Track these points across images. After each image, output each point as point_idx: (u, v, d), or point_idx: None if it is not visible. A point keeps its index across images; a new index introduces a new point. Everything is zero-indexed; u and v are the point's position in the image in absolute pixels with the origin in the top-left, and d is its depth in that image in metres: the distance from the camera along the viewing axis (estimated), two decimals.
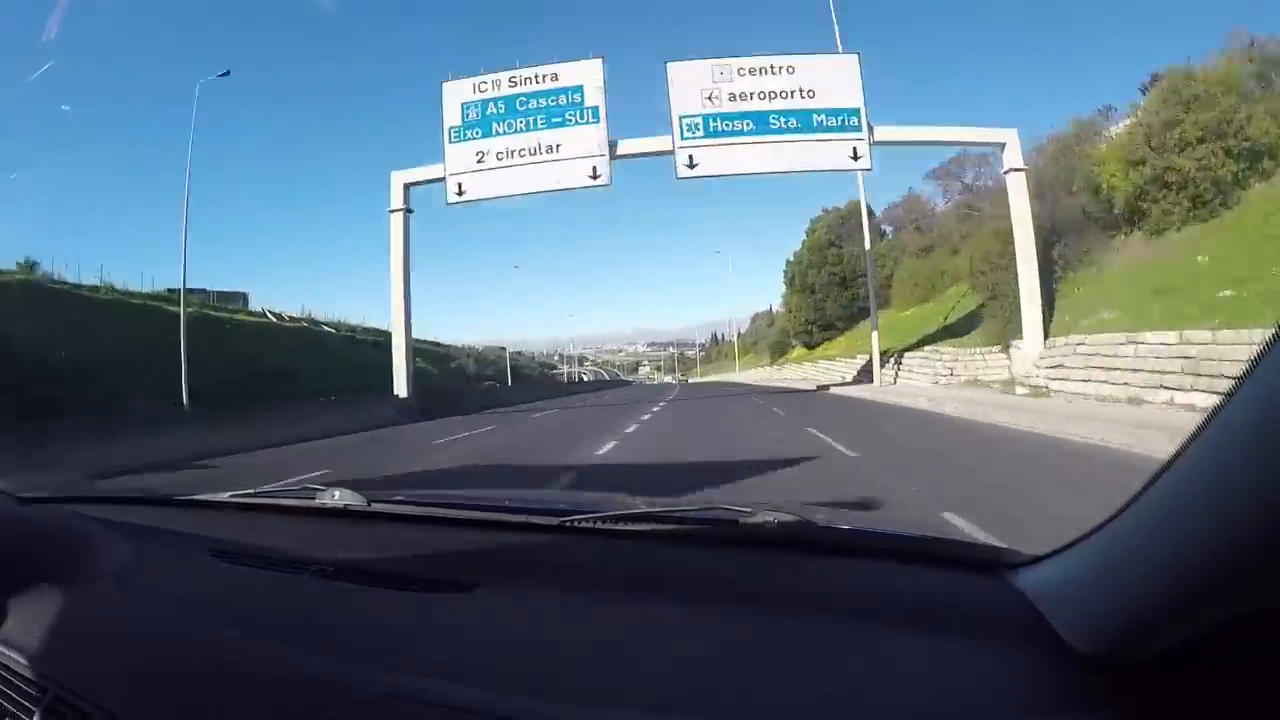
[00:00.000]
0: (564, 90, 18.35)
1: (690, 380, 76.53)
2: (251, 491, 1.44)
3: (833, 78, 17.46)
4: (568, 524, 1.12)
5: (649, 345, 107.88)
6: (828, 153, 17.38)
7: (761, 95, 17.47)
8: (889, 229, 40.89)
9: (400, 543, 1.18)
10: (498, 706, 0.71)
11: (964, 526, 3.61)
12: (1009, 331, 16.09)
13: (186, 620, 0.95)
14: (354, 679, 0.76)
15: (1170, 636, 0.57)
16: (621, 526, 1.09)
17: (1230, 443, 0.51)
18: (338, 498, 1.27)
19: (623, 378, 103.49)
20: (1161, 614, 0.57)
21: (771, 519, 1.01)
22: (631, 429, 11.52)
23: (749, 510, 1.04)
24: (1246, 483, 0.47)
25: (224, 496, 1.44)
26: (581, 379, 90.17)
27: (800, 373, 37.51)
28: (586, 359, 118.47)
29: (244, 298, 36.62)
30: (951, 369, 17.92)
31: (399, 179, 19.98)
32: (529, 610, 0.92)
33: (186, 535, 1.27)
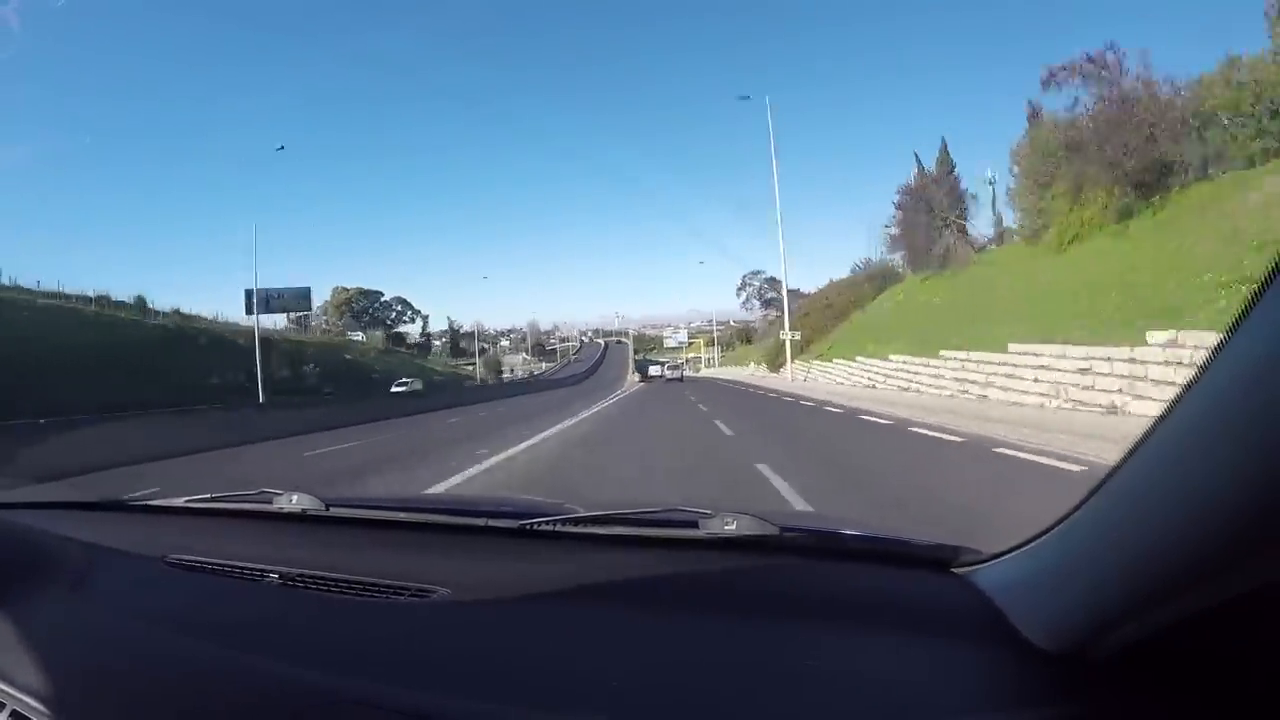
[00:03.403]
0: None
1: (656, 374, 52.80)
2: (208, 496, 1.42)
3: None
4: (528, 527, 1.11)
5: (706, 323, 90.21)
6: None
7: None
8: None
9: (359, 547, 1.17)
10: (459, 712, 0.70)
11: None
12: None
13: (142, 630, 0.93)
14: (314, 686, 0.75)
15: (1129, 630, 0.58)
16: (582, 529, 1.09)
17: (1183, 442, 0.52)
18: (295, 502, 1.26)
19: (634, 357, 76.39)
20: (1120, 609, 0.58)
21: (731, 521, 1.01)
22: None
23: (709, 513, 1.04)
24: (1200, 480, 0.48)
25: (179, 501, 1.42)
26: (493, 379, 62.93)
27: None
28: (625, 336, 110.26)
29: None
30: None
31: None
32: (490, 615, 0.91)
33: (141, 541, 1.24)
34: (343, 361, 44.27)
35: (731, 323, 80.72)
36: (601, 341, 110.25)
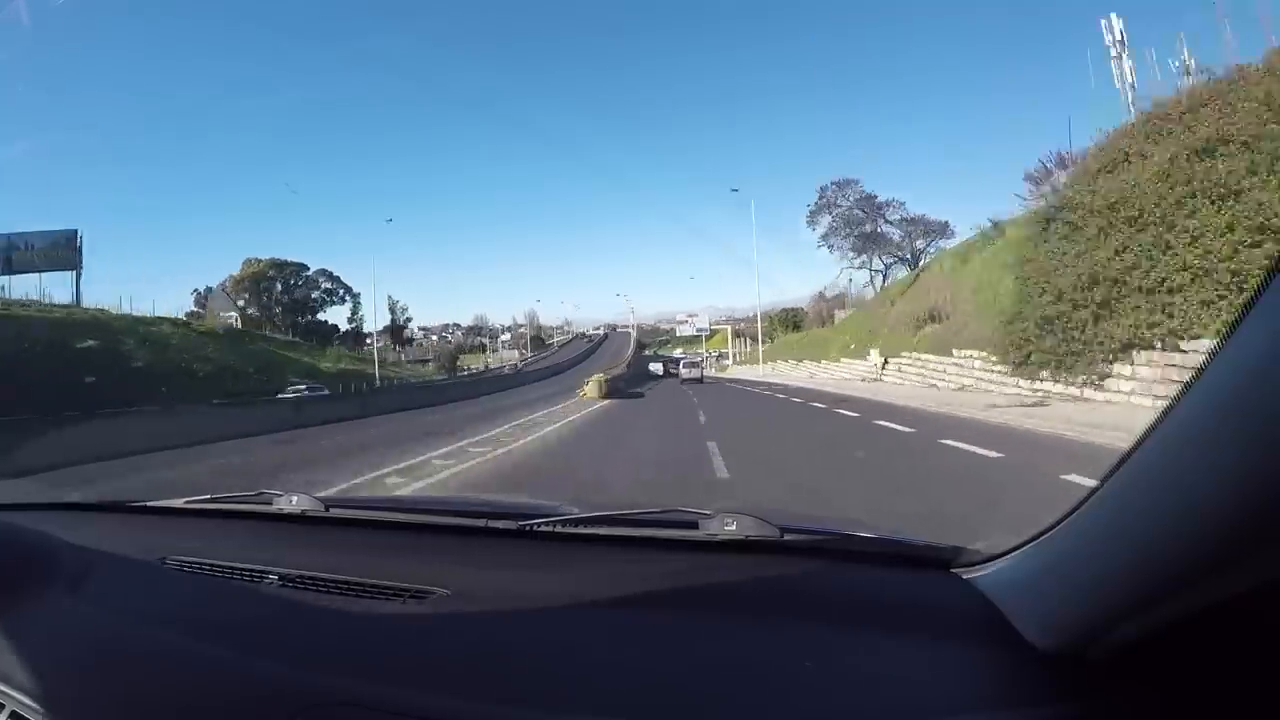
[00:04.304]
0: None
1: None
2: (207, 497, 1.42)
3: None
4: (527, 528, 1.11)
5: (728, 319, 74.18)
6: None
7: None
8: None
9: (358, 548, 1.17)
10: (458, 713, 0.70)
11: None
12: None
13: (142, 630, 0.94)
14: (313, 687, 0.75)
15: (1128, 630, 0.58)
16: (581, 530, 1.09)
17: (1182, 441, 0.52)
18: (295, 503, 1.26)
19: (649, 354, 62.54)
20: (1119, 609, 0.58)
21: (731, 521, 1.01)
22: None
23: (709, 514, 1.04)
24: (1199, 480, 0.48)
25: (178, 503, 1.43)
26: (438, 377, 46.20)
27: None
28: (628, 326, 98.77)
29: None
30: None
31: None
32: (488, 616, 0.91)
33: (140, 542, 1.24)
34: (73, 352, 23.10)
35: (740, 323, 60.82)
36: (601, 332, 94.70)
